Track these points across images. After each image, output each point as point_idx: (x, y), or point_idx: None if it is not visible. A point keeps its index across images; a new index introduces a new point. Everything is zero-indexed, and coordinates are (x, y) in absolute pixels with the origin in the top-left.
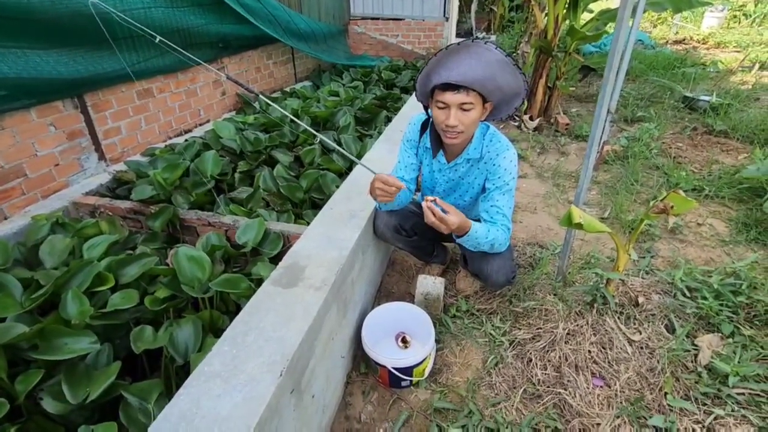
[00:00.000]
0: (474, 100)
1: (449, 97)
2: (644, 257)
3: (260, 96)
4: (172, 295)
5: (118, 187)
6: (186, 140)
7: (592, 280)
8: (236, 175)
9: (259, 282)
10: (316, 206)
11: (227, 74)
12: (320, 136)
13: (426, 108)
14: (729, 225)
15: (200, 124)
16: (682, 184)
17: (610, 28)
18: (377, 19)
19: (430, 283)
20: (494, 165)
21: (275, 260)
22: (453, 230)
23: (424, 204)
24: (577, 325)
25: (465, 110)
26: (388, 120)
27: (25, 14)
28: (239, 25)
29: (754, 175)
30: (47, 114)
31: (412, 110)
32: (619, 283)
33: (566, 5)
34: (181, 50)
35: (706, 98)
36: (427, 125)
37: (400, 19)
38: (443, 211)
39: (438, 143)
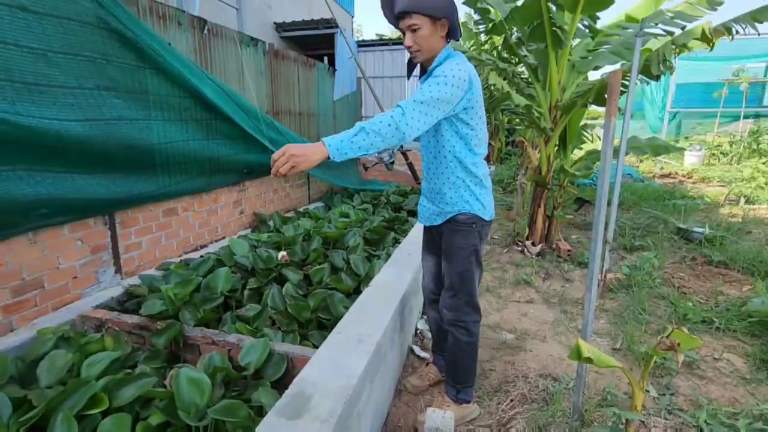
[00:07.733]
0: (419, 21)
1: (401, 24)
2: (664, 394)
3: None
4: (166, 421)
5: (128, 300)
6: (201, 256)
7: (610, 420)
8: (246, 292)
9: (259, 410)
10: (323, 327)
11: None
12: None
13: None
14: (747, 361)
15: (216, 240)
16: (691, 315)
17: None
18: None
19: (439, 418)
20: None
21: (276, 385)
22: (300, 160)
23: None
24: None
25: (415, 31)
26: (396, 241)
27: (83, 145)
28: (263, 154)
29: (761, 309)
30: (78, 230)
31: (420, 234)
32: (639, 424)
33: (556, 146)
34: None
35: (700, 230)
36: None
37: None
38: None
39: (423, 67)
